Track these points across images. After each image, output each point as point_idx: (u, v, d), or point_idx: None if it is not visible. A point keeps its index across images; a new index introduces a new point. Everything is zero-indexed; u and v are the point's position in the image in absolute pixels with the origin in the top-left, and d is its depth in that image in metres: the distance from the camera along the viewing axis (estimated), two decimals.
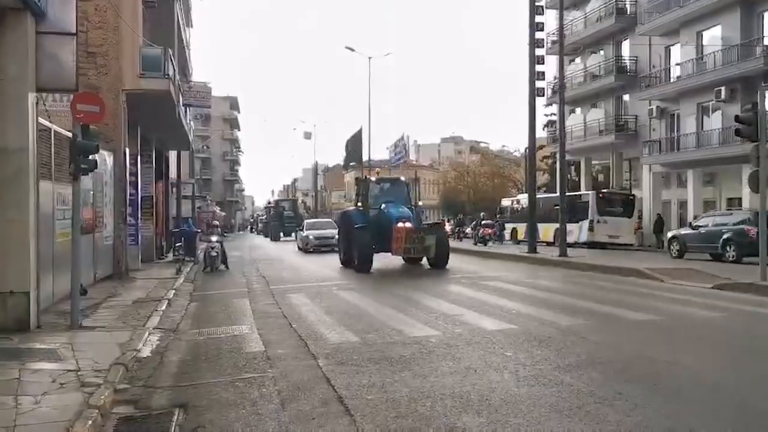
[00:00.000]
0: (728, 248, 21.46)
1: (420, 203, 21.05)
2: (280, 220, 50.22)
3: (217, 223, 23.22)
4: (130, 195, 19.53)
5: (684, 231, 24.31)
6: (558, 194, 25.24)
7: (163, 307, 11.88)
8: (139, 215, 20.54)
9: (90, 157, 9.87)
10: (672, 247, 24.70)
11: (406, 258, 19.77)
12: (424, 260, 19.31)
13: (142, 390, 6.37)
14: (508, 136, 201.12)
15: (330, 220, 38.83)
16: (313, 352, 7.65)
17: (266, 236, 55.64)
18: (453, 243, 25.38)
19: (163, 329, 9.72)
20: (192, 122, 33.00)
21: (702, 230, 22.99)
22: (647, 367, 6.56)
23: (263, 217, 74.64)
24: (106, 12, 17.19)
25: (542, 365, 6.61)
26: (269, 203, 68.73)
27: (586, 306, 10.81)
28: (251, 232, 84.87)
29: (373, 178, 21.22)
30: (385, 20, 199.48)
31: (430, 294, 12.82)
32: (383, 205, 19.62)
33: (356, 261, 18.48)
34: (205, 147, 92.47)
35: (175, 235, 24.29)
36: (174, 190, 34.29)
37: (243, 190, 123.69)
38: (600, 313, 10.05)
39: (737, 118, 13.73)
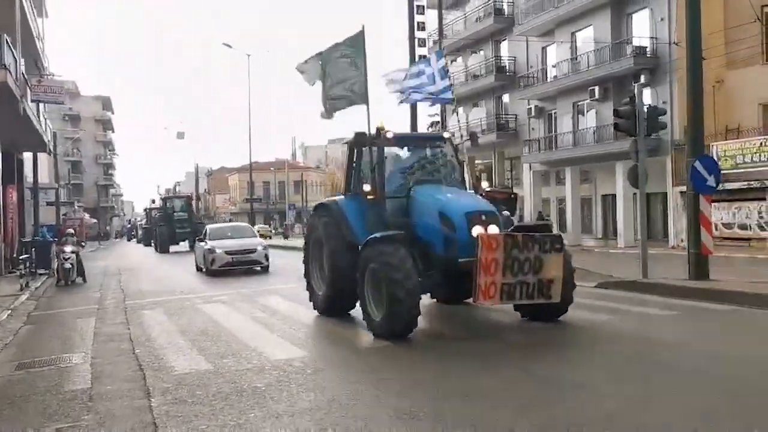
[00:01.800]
0: None
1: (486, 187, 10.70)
2: (169, 224, 38.82)
3: (72, 231, 20.91)
4: None
5: None
6: None
7: None
8: None
9: None
10: None
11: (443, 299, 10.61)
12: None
13: None
14: None
15: (246, 224, 29.49)
16: (149, 386, 6.31)
17: (147, 245, 46.65)
18: None
19: None
20: (48, 121, 30.06)
21: None
22: (541, 391, 5.73)
23: (144, 222, 61.31)
24: None
25: (419, 392, 5.64)
26: (153, 203, 54.94)
27: (469, 314, 10.02)
28: (129, 240, 75.67)
29: (389, 135, 9.69)
30: (266, 21, 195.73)
31: (306, 305, 11.64)
32: (416, 189, 9.35)
33: (389, 315, 8.00)
34: (74, 150, 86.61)
35: (25, 245, 21.71)
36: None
37: (121, 195, 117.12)
38: (490, 323, 9.28)
39: (616, 113, 13.52)
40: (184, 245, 37.15)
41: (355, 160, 10.45)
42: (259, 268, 19.76)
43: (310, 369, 6.67)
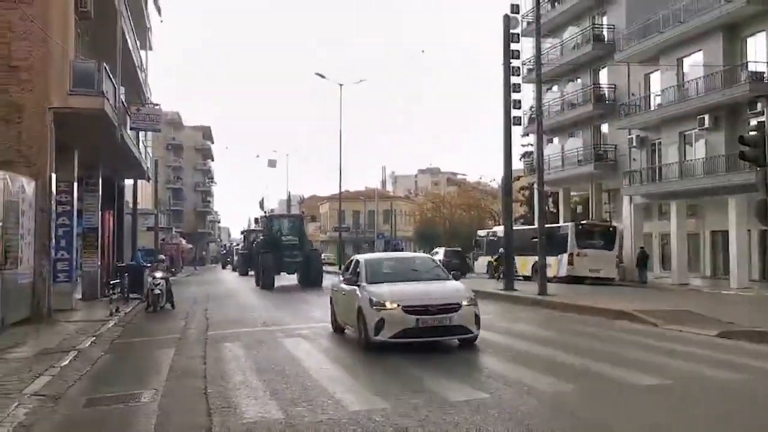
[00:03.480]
0: None
1: None
2: (276, 250, 29.13)
3: (163, 257, 21.11)
4: (63, 226, 17.55)
5: None
6: (535, 226, 23.66)
7: (66, 362, 9.81)
8: (75, 247, 18.48)
9: None
10: None
11: None
12: None
13: None
14: (486, 167, 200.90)
15: (425, 255, 17.52)
16: None
17: (244, 274, 39.93)
18: None
19: (43, 396, 7.65)
20: (149, 149, 31.04)
21: None
22: None
23: (241, 247, 51.93)
24: (34, 21, 15.32)
25: None
26: (256, 223, 44.27)
27: (573, 362, 8.92)
28: (223, 267, 68.79)
29: None
30: (360, 50, 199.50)
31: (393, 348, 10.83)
32: None
33: None
34: (176, 178, 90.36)
35: (119, 270, 22.11)
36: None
37: (219, 221, 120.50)
38: (591, 373, 8.17)
39: (742, 140, 12.16)
40: (290, 278, 30.14)
41: None
42: (457, 341, 10.60)
43: (390, 427, 5.85)
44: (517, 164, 41.15)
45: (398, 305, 10.05)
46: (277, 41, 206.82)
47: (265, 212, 40.59)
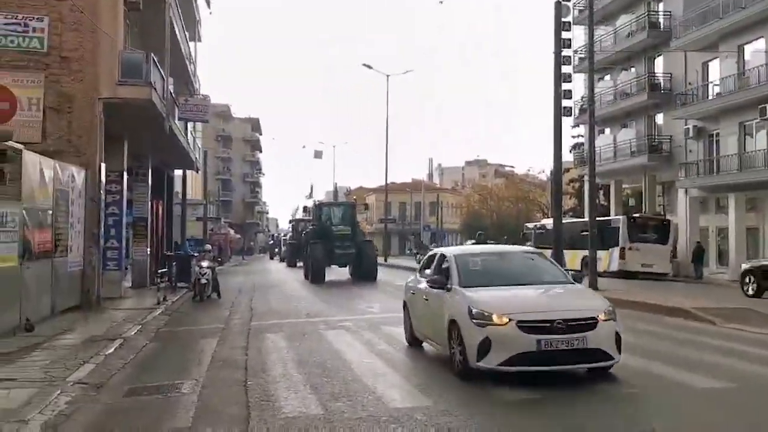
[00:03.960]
0: None
1: None
2: (326, 240, 27.12)
3: (209, 247, 21.24)
4: (113, 215, 17.79)
5: None
6: (585, 219, 23.03)
7: (112, 350, 9.88)
8: (123, 237, 18.72)
9: None
10: None
11: None
12: None
13: None
14: (534, 159, 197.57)
15: (530, 249, 13.02)
16: None
17: (291, 265, 39.10)
18: None
19: (86, 384, 7.66)
20: (197, 140, 31.39)
21: None
22: None
23: (288, 237, 50.59)
24: (83, 12, 15.49)
25: None
26: (304, 212, 42.77)
27: (632, 364, 8.46)
28: (271, 258, 66.54)
29: None
30: (407, 40, 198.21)
31: None
32: None
33: None
34: (225, 168, 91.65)
35: (167, 259, 22.38)
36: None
37: (267, 212, 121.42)
38: (650, 375, 7.72)
39: None
40: (341, 272, 28.41)
41: None
42: (587, 369, 7.66)
43: (433, 426, 5.60)
44: (567, 156, 40.27)
45: (510, 319, 7.28)
46: (292, 38, 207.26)
47: (314, 200, 37.90)
